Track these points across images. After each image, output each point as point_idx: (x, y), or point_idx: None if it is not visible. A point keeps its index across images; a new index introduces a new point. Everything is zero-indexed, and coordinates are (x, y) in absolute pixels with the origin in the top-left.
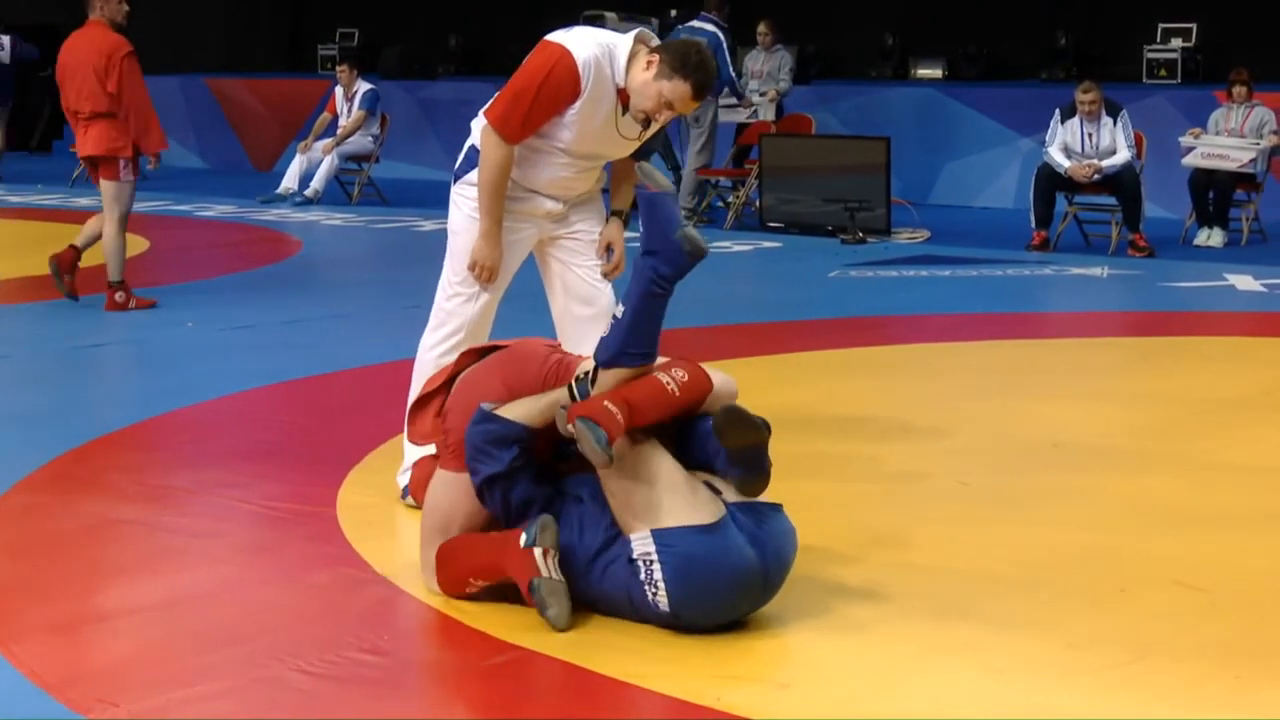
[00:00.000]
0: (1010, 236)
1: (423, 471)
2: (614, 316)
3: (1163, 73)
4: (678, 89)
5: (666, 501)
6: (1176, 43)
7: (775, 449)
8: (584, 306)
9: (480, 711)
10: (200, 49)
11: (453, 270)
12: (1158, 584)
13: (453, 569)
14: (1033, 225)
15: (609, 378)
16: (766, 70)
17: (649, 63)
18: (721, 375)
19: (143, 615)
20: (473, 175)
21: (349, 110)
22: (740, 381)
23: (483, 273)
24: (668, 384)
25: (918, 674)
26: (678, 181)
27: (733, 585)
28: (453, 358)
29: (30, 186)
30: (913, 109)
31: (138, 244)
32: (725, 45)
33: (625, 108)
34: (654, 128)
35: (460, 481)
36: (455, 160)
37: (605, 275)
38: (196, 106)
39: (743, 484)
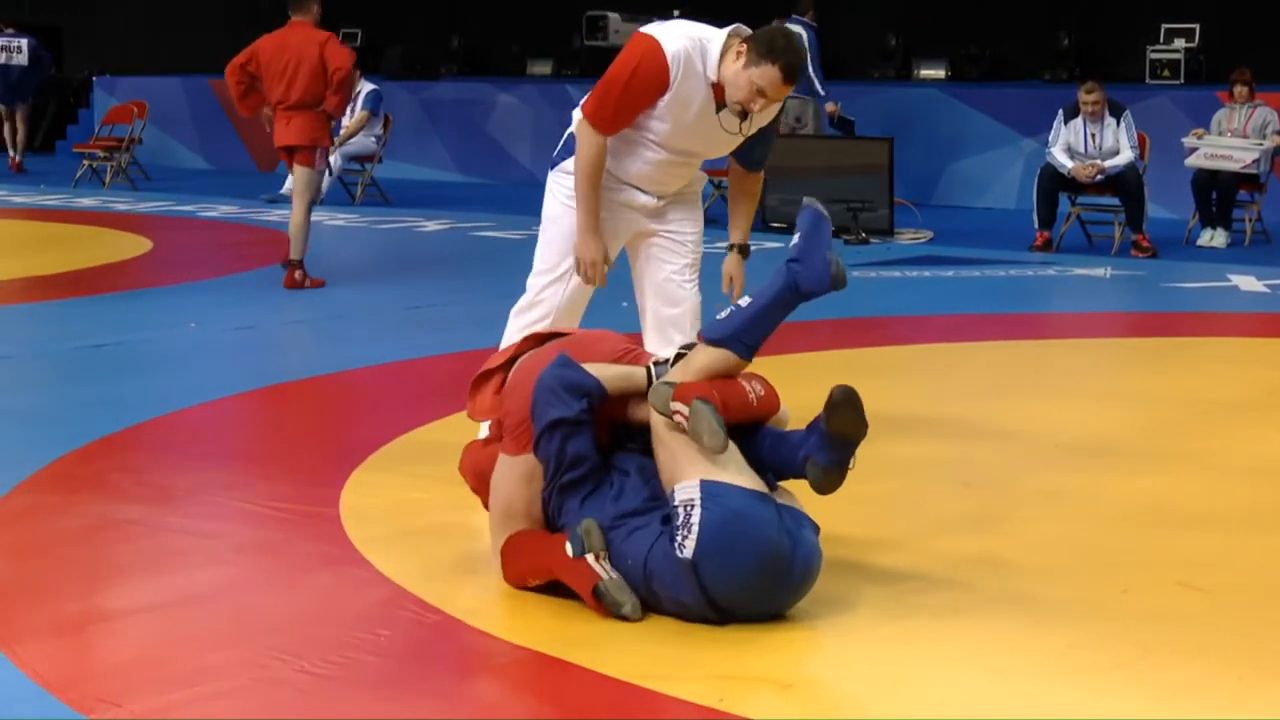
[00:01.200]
0: (1013, 237)
1: (471, 456)
2: (736, 304)
3: (1165, 73)
4: (767, 74)
5: (724, 461)
6: (1179, 43)
7: None
8: (670, 307)
9: (483, 712)
10: (203, 50)
11: (542, 256)
12: (1160, 584)
13: (512, 566)
14: (1036, 226)
15: (693, 367)
16: None
17: (739, 53)
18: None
19: (145, 615)
20: (568, 163)
21: (352, 110)
22: None
23: (586, 270)
24: (749, 393)
25: (920, 674)
26: None
27: (760, 558)
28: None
29: (33, 186)
30: (915, 109)
31: (141, 244)
32: (812, 43)
33: (721, 104)
34: (755, 122)
35: (518, 466)
36: (459, 160)
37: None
38: (199, 107)
39: (824, 474)
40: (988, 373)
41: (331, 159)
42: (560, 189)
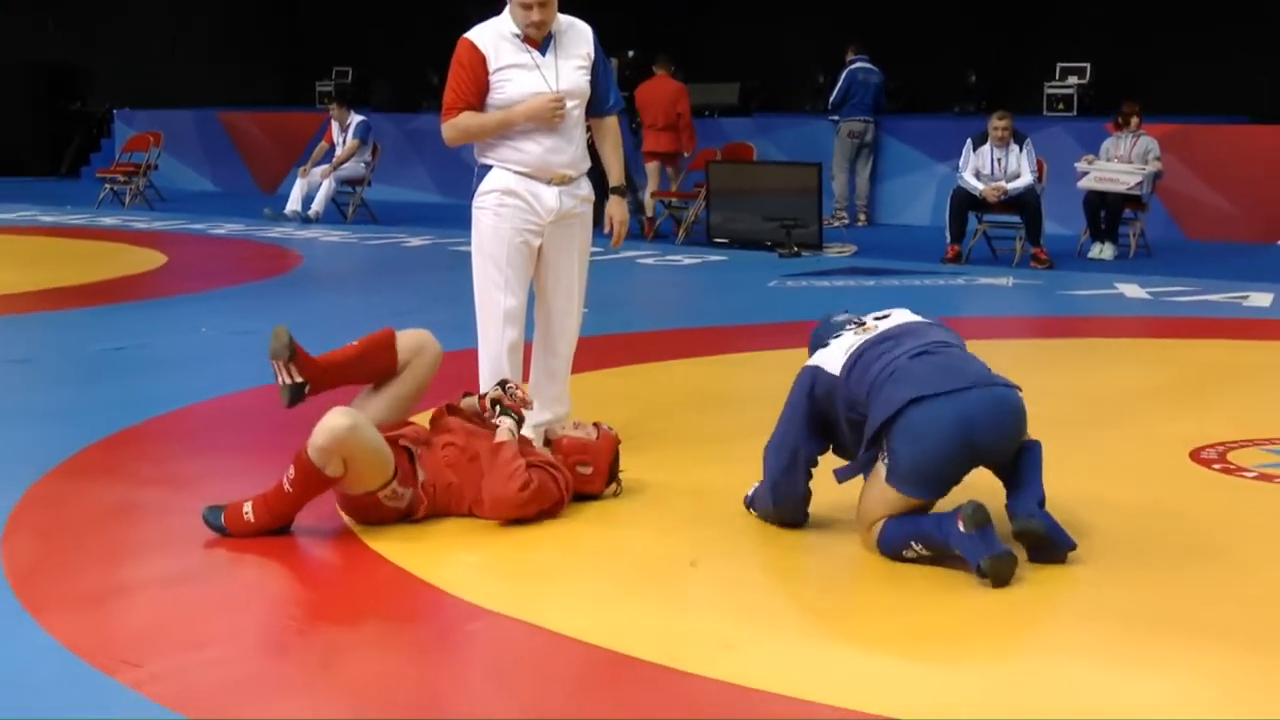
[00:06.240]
0: (927, 250)
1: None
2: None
3: (1061, 106)
4: None
5: None
6: (1073, 80)
7: (719, 431)
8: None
9: (454, 671)
10: (211, 86)
11: (484, 275)
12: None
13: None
14: (947, 240)
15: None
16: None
17: None
18: None
19: (162, 587)
20: (482, 188)
21: (344, 139)
22: (691, 376)
23: (552, 106)
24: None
25: (847, 635)
26: (636, 203)
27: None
28: (517, 348)
29: (59, 207)
30: None
31: (156, 258)
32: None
33: (536, 47)
34: (563, 49)
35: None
36: (439, 183)
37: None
38: (208, 136)
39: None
40: None
41: (326, 182)
42: (482, 213)
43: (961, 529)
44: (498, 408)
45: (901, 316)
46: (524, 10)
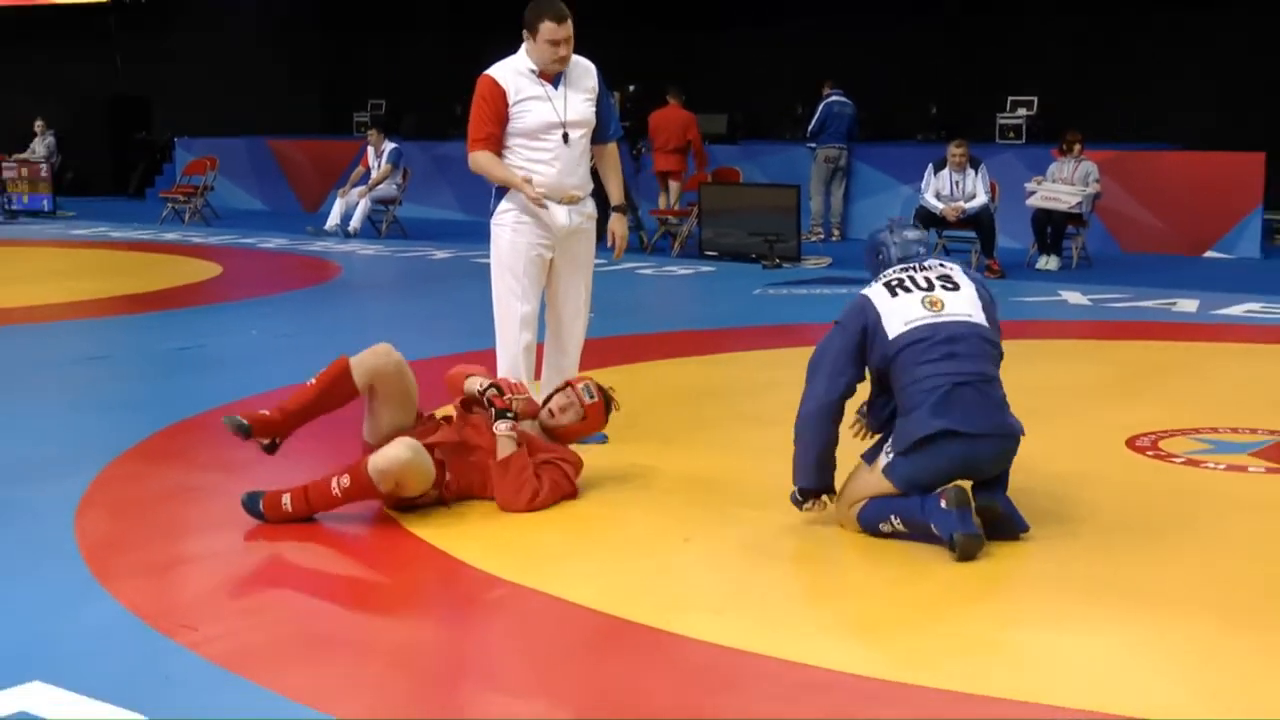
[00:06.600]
0: None
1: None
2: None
3: (1011, 135)
4: (545, 27)
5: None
6: (1022, 111)
7: (709, 423)
8: (553, 317)
9: (466, 634)
10: (260, 117)
11: (502, 284)
12: (1016, 546)
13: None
14: None
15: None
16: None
17: (526, 40)
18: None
19: (217, 560)
20: (501, 207)
21: (378, 164)
22: (685, 374)
23: (536, 197)
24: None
25: (819, 602)
26: (636, 221)
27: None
28: (531, 349)
29: (127, 224)
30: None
31: (213, 269)
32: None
33: (549, 82)
34: (573, 82)
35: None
36: (463, 202)
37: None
38: (257, 161)
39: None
40: None
41: (363, 202)
42: (499, 230)
43: (943, 505)
44: (493, 410)
45: (967, 303)
46: (552, 47)
